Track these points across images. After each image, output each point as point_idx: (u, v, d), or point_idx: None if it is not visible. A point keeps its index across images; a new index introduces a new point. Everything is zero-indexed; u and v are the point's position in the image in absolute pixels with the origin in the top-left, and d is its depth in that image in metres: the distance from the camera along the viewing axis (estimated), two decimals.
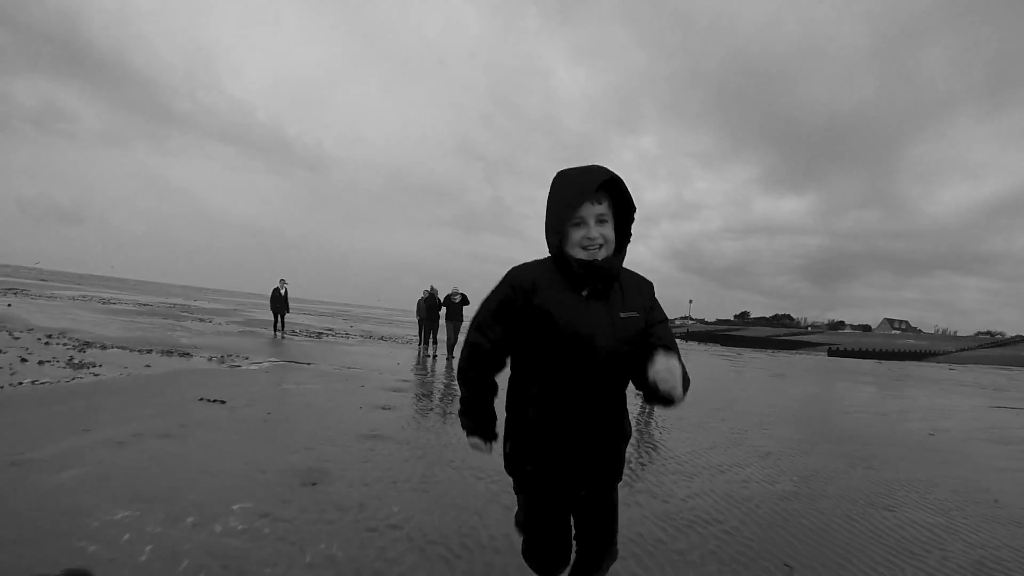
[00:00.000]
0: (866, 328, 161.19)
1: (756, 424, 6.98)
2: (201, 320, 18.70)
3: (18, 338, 9.20)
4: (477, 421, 1.70)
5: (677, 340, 1.69)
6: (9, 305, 16.13)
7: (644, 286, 1.73)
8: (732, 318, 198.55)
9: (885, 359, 49.70)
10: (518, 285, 1.59)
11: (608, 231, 1.59)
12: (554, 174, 1.63)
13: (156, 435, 4.13)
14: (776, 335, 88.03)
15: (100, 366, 7.22)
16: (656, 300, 1.74)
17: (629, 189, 1.61)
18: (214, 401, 5.51)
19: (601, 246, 1.57)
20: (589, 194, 1.53)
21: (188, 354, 9.27)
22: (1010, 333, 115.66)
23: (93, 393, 5.50)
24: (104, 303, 23.09)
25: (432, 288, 14.16)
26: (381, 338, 18.93)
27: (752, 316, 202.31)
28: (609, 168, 1.56)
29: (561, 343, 1.55)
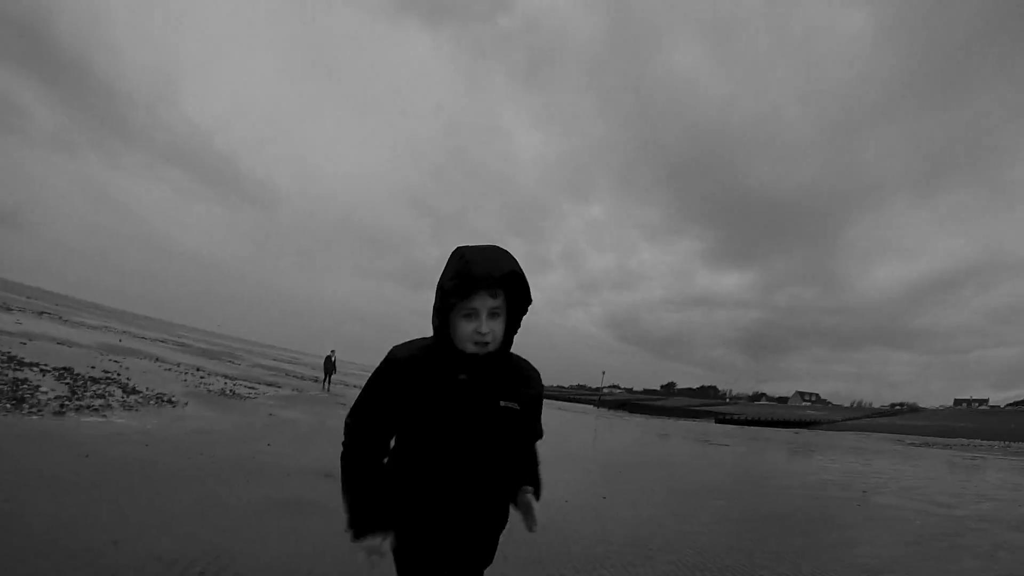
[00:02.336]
0: (783, 400, 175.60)
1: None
2: (231, 363, 26.20)
3: (186, 372, 16.57)
4: (355, 511, 1.49)
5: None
6: (120, 340, 22.80)
7: (533, 380, 1.62)
8: (659, 388, 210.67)
9: (766, 426, 59.69)
10: (397, 366, 1.50)
11: (499, 326, 1.46)
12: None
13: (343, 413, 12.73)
14: (689, 405, 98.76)
15: (280, 386, 15.49)
16: (541, 400, 1.65)
17: (528, 280, 1.46)
18: (342, 404, 14.14)
19: (489, 343, 1.44)
20: (485, 286, 1.39)
21: (278, 386, 17.48)
22: (935, 404, 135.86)
23: (311, 401, 13.84)
24: (163, 341, 29.52)
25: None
26: (355, 386, 26.88)
27: (680, 387, 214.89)
28: (510, 253, 1.44)
29: (435, 429, 1.47)
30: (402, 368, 1.49)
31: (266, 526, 3.95)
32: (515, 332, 1.53)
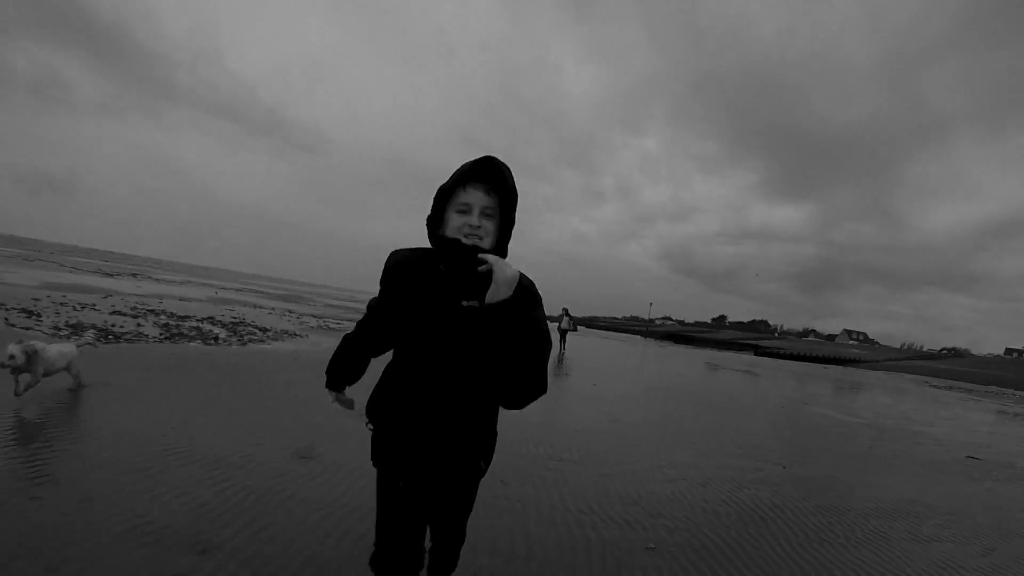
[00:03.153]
0: (831, 337, 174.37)
1: None
2: (308, 304, 29.07)
3: (282, 314, 19.25)
4: (335, 374, 1.80)
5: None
6: (216, 293, 25.66)
7: (519, 290, 1.46)
8: (710, 321, 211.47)
9: (802, 361, 61.11)
10: (391, 264, 1.57)
11: (491, 225, 1.51)
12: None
13: None
14: (735, 338, 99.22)
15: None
16: (527, 311, 1.45)
17: (516, 180, 1.52)
18: None
19: (482, 239, 1.49)
20: (479, 180, 1.49)
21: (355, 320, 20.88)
22: (985, 351, 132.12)
23: None
24: (241, 290, 32.39)
25: None
26: None
27: (731, 320, 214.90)
28: (502, 160, 1.48)
29: (407, 322, 1.53)
30: (394, 266, 1.56)
31: None
32: (507, 240, 1.55)
